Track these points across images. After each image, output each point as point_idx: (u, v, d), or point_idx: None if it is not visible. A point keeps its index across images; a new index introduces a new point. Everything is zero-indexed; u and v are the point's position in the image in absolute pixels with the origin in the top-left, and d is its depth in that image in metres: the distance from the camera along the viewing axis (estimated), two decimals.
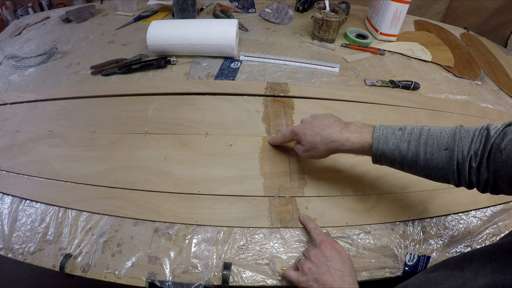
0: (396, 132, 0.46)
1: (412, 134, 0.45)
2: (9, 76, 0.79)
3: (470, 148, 0.41)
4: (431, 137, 0.43)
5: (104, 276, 0.46)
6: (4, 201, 0.55)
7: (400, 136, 0.45)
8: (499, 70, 0.94)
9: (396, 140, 0.45)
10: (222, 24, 0.79)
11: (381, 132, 0.46)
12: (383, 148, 0.45)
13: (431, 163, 0.43)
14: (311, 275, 0.42)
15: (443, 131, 0.44)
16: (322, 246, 0.45)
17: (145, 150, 0.60)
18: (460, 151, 0.41)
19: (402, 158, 0.45)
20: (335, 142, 0.47)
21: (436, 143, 0.43)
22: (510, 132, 0.38)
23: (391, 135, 0.45)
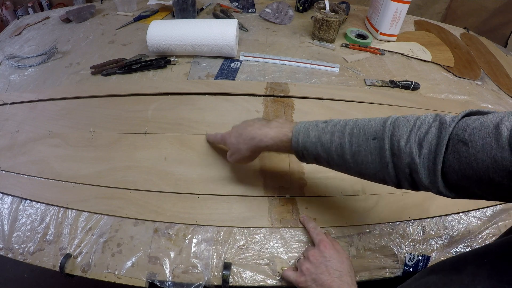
0: (320, 124, 0.42)
1: (337, 125, 0.40)
2: (9, 76, 0.79)
3: (410, 138, 0.34)
4: (358, 126, 0.39)
5: (104, 276, 0.46)
6: (4, 201, 0.55)
7: (323, 128, 0.41)
8: (499, 70, 0.94)
9: (318, 132, 0.41)
10: (222, 24, 0.79)
11: (302, 125, 0.43)
12: (304, 142, 0.42)
13: (359, 157, 0.38)
14: (309, 275, 0.42)
15: (372, 120, 0.39)
16: (321, 246, 0.44)
17: (145, 150, 0.60)
18: (395, 141, 0.35)
19: (326, 152, 0.40)
20: (254, 139, 0.45)
21: (362, 132, 0.38)
22: (472, 121, 0.32)
23: (313, 128, 0.42)
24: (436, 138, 0.33)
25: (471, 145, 0.30)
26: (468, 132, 0.31)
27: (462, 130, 0.32)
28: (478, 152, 0.30)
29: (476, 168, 0.30)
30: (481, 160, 0.29)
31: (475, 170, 0.30)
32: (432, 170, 0.33)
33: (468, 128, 0.31)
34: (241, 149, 0.48)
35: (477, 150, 0.30)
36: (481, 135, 0.30)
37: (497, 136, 0.29)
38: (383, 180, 0.38)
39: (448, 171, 0.33)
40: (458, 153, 0.31)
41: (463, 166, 0.31)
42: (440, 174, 0.33)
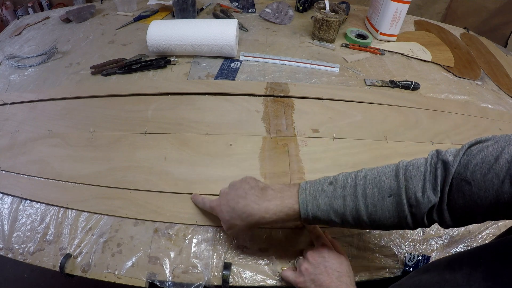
0: (326, 188, 0.39)
1: (345, 187, 0.38)
2: (9, 76, 0.79)
3: (425, 188, 0.34)
4: (370, 185, 0.37)
5: (104, 276, 0.46)
6: (4, 201, 0.55)
7: (332, 192, 0.38)
8: (499, 70, 0.94)
9: (328, 199, 0.38)
10: (222, 24, 0.80)
11: (307, 193, 0.39)
12: (314, 212, 0.38)
13: (377, 216, 0.37)
14: (308, 275, 0.42)
15: (382, 175, 0.37)
16: (320, 247, 0.44)
17: (145, 150, 0.60)
18: (411, 193, 0.35)
19: (340, 218, 0.38)
20: (252, 216, 0.40)
21: (377, 192, 0.37)
22: (473, 156, 0.32)
23: (321, 194, 0.38)
24: (442, 182, 0.34)
25: (473, 184, 0.31)
26: (470, 170, 0.32)
27: (464, 168, 0.32)
28: (480, 190, 0.31)
29: (480, 204, 0.31)
30: (484, 196, 0.30)
31: (479, 206, 0.31)
32: (439, 209, 0.35)
33: (470, 166, 0.32)
34: (239, 225, 0.42)
35: (479, 188, 0.31)
36: (482, 172, 0.31)
37: (498, 171, 0.29)
38: (400, 228, 0.39)
39: (454, 207, 0.34)
40: (462, 191, 0.32)
41: (468, 204, 0.32)
42: (446, 210, 0.34)
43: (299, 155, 0.60)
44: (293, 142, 0.62)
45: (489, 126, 0.71)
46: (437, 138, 0.66)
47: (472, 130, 0.69)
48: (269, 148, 0.61)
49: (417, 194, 0.35)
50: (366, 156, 0.61)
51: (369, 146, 0.63)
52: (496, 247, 0.33)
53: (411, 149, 0.63)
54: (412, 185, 0.35)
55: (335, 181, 0.39)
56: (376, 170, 0.38)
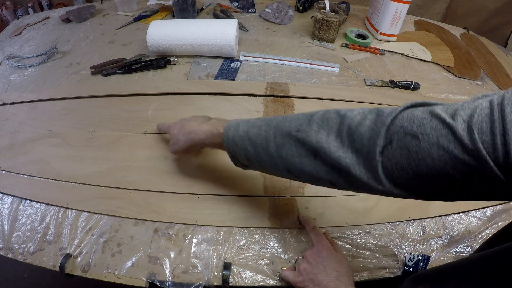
0: (252, 120, 0.40)
1: (265, 120, 0.38)
2: (9, 76, 0.79)
3: (341, 132, 0.31)
4: (285, 119, 0.36)
5: (104, 276, 0.46)
6: (4, 201, 0.55)
7: (253, 122, 0.39)
8: (499, 70, 0.94)
9: (247, 126, 0.39)
10: (222, 24, 0.79)
11: (235, 121, 0.42)
12: (233, 136, 0.40)
13: (283, 149, 0.35)
14: (307, 275, 0.42)
15: (301, 114, 0.36)
16: (319, 247, 0.44)
17: (145, 150, 0.60)
18: (323, 134, 0.32)
19: (253, 146, 0.37)
20: (191, 133, 0.47)
21: (288, 124, 0.35)
22: (420, 112, 0.28)
23: (244, 123, 0.40)
24: (369, 131, 0.29)
25: (422, 138, 0.26)
26: (416, 123, 0.27)
27: (409, 121, 0.27)
28: (432, 146, 0.25)
29: (431, 165, 0.26)
30: (437, 155, 0.25)
31: (430, 167, 0.26)
32: (369, 167, 0.29)
33: (416, 120, 0.27)
34: (179, 140, 0.49)
35: (430, 144, 0.25)
36: (433, 126, 0.26)
37: (454, 127, 0.25)
38: (316, 178, 0.34)
39: (396, 169, 0.28)
40: (406, 148, 0.27)
41: (415, 163, 0.27)
42: (381, 170, 0.29)
43: None
44: None
45: None
46: None
47: None
48: None
49: (329, 136, 0.31)
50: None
51: None
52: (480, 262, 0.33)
53: None
54: (326, 126, 0.32)
55: (263, 117, 0.40)
56: (303, 113, 0.36)
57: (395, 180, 0.29)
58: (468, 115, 0.25)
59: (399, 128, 0.28)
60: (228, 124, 0.42)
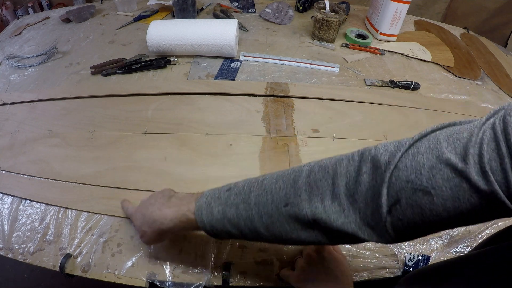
0: (222, 195, 0.34)
1: (239, 193, 0.33)
2: (9, 76, 0.79)
3: (336, 194, 0.27)
4: (264, 192, 0.31)
5: (104, 276, 0.46)
6: (4, 201, 0.55)
7: (226, 199, 0.34)
8: (499, 70, 0.94)
9: (222, 207, 0.33)
10: (222, 24, 0.80)
11: (204, 200, 0.35)
12: (209, 221, 0.34)
13: (276, 229, 0.31)
14: (306, 275, 0.42)
15: (279, 179, 0.31)
16: (318, 247, 0.44)
17: (145, 150, 0.60)
18: (317, 202, 0.28)
19: (237, 228, 0.33)
20: (155, 222, 0.39)
21: (270, 199, 0.30)
22: (425, 158, 0.24)
23: (216, 201, 0.34)
24: (370, 188, 0.26)
25: (435, 193, 0.23)
26: (425, 176, 0.23)
27: (416, 173, 0.24)
28: (447, 200, 0.23)
29: (447, 217, 0.24)
30: (453, 207, 0.23)
31: (445, 219, 0.24)
32: (376, 227, 0.27)
33: (424, 170, 0.23)
34: (146, 232, 0.41)
35: (445, 198, 0.23)
36: (445, 177, 0.23)
37: (467, 174, 0.22)
38: (320, 244, 0.31)
39: (408, 227, 0.26)
40: (419, 206, 0.24)
41: (429, 219, 0.24)
42: (390, 229, 0.26)
43: (299, 155, 0.60)
44: (293, 142, 0.62)
45: None
46: None
47: None
48: (269, 148, 0.61)
49: (325, 201, 0.27)
50: None
51: None
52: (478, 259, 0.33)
53: None
54: (318, 192, 0.28)
55: (234, 187, 0.35)
56: (277, 173, 0.33)
57: (407, 236, 0.27)
58: (478, 153, 0.22)
59: (405, 183, 0.24)
60: (197, 206, 0.36)
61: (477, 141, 0.22)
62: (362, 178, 0.26)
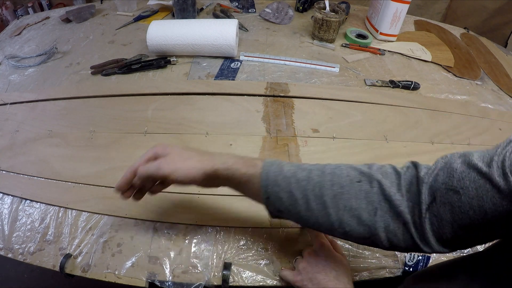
0: (295, 163, 0.36)
1: (314, 165, 0.36)
2: (9, 76, 0.79)
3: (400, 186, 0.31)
4: (339, 167, 0.34)
5: (104, 276, 0.46)
6: (4, 201, 0.55)
7: (298, 165, 0.36)
8: (499, 70, 0.94)
9: (293, 168, 0.35)
10: (222, 24, 0.80)
11: (272, 160, 0.37)
12: (276, 174, 0.35)
13: (341, 200, 0.32)
14: (306, 274, 0.42)
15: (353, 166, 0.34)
16: (318, 246, 0.44)
17: (145, 150, 0.59)
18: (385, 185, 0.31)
19: (301, 191, 0.34)
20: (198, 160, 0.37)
21: (345, 173, 0.33)
22: (459, 164, 0.29)
23: (288, 164, 0.36)
24: (414, 186, 0.31)
25: (462, 193, 0.27)
26: (456, 178, 0.28)
27: (449, 176, 0.28)
28: (472, 199, 0.27)
29: (473, 217, 0.27)
30: (478, 206, 0.27)
31: (472, 219, 0.27)
32: (417, 222, 0.30)
33: (456, 174, 0.28)
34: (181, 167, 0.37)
35: (470, 197, 0.27)
36: (471, 179, 0.27)
37: (490, 175, 0.26)
38: (367, 236, 0.33)
39: (442, 225, 0.29)
40: (450, 204, 0.28)
41: (458, 217, 0.28)
42: (428, 227, 0.30)
43: (299, 155, 0.60)
44: (293, 142, 0.62)
45: (489, 126, 0.71)
46: (437, 138, 0.66)
47: (472, 130, 0.69)
48: (269, 148, 0.61)
49: (391, 189, 0.31)
50: (366, 156, 0.61)
51: (369, 146, 0.63)
52: (491, 255, 0.33)
53: (411, 149, 0.63)
54: (387, 179, 0.32)
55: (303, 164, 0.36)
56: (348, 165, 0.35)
57: (441, 236, 0.30)
58: (501, 160, 0.26)
59: (440, 184, 0.29)
60: (266, 159, 0.36)
61: (502, 152, 0.26)
62: (410, 179, 0.32)
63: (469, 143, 0.66)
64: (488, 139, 0.68)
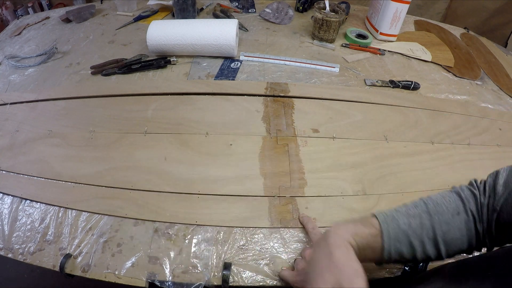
0: (400, 209, 0.40)
1: (417, 206, 0.40)
2: (9, 76, 0.79)
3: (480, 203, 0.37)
4: (437, 203, 0.38)
5: (104, 276, 0.46)
6: (4, 201, 0.55)
7: (406, 211, 0.39)
8: (499, 70, 0.94)
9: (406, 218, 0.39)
10: (222, 24, 0.80)
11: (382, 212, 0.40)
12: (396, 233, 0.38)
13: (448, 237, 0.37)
14: (304, 275, 0.42)
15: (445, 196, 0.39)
16: (315, 247, 0.44)
17: (145, 150, 0.60)
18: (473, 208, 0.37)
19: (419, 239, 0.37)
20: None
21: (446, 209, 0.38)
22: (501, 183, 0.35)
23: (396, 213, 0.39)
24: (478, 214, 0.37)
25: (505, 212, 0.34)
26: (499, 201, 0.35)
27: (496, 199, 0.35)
28: None
29: None
30: None
31: None
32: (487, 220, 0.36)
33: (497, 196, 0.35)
34: None
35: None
36: None
37: None
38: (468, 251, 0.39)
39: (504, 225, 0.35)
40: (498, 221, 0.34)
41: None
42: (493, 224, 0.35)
43: (299, 155, 0.60)
44: (293, 142, 0.62)
45: (489, 126, 0.71)
46: (437, 138, 0.66)
47: (472, 130, 0.69)
48: (269, 148, 0.61)
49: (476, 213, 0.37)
50: (366, 156, 0.61)
51: (369, 146, 0.63)
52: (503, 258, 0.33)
53: (411, 149, 0.63)
54: (476, 202, 0.37)
55: (405, 205, 0.40)
56: (440, 196, 0.40)
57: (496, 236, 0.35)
58: None
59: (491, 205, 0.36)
60: (378, 215, 0.39)
61: None
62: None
63: (469, 143, 0.66)
64: (488, 139, 0.68)
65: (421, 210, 0.38)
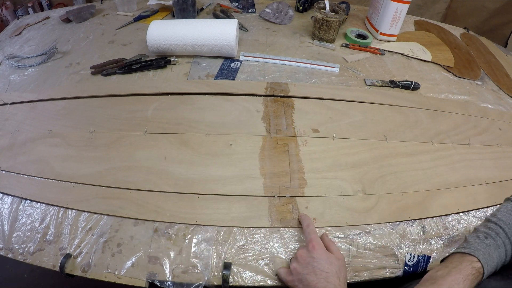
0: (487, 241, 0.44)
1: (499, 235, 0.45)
2: (9, 76, 0.79)
3: None
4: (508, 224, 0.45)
5: (104, 276, 0.46)
6: (4, 201, 0.55)
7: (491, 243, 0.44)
8: (499, 70, 0.94)
9: (497, 252, 0.44)
10: (222, 24, 0.79)
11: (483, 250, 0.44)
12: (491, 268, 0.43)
13: None
14: (296, 275, 0.42)
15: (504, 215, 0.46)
16: (309, 246, 0.44)
17: (145, 150, 0.60)
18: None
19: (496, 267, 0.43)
20: None
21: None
22: None
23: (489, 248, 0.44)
24: None
25: None
26: None
27: None
28: None
29: None
30: None
31: None
32: None
33: None
34: None
35: None
36: None
37: None
38: None
39: None
40: None
41: None
42: None
43: (299, 154, 0.60)
44: (293, 142, 0.62)
45: (489, 126, 0.71)
46: (437, 138, 0.66)
47: (472, 130, 0.69)
48: (269, 148, 0.61)
49: None
50: (366, 156, 0.61)
51: (369, 146, 0.63)
52: None
53: (411, 149, 0.63)
54: None
55: (486, 233, 0.45)
56: (503, 211, 0.47)
57: None
58: None
59: None
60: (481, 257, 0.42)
61: None
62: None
63: (469, 143, 0.66)
64: (488, 139, 0.68)
65: (502, 239, 0.44)
